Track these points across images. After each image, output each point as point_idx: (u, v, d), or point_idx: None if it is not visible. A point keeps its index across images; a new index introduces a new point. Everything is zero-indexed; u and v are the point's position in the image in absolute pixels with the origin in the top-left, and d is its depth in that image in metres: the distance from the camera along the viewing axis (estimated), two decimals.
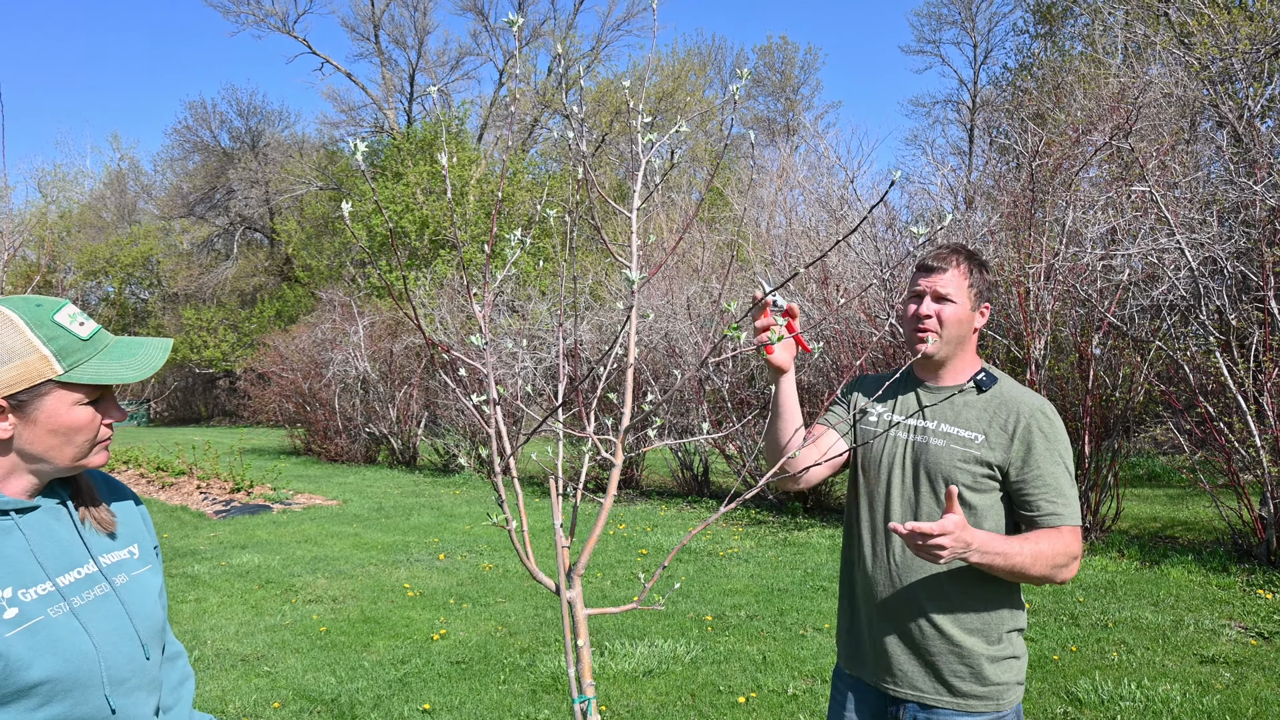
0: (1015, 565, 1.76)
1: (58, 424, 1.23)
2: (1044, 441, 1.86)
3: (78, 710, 1.20)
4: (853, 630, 2.04)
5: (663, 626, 5.42)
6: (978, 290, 1.95)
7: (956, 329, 1.92)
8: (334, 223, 29.96)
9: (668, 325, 10.01)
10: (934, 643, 1.89)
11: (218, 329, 33.41)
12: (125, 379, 1.25)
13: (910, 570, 1.92)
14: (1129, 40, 11.53)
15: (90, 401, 1.26)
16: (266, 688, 4.60)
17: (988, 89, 27.07)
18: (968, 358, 1.98)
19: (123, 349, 1.29)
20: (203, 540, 8.97)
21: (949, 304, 1.92)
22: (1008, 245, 7.43)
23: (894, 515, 1.96)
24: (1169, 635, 5.02)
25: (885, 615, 1.94)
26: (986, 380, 1.95)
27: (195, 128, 36.01)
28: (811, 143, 14.70)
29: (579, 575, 1.70)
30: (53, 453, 1.24)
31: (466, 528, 9.25)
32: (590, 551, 1.72)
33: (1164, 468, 11.16)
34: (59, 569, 1.24)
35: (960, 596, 1.88)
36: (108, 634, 1.26)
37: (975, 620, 1.88)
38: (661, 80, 28.32)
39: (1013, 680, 1.91)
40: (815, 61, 37.49)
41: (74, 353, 1.23)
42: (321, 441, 17.15)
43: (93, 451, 1.28)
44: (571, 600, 1.71)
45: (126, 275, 39.47)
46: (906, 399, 2.02)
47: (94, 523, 1.33)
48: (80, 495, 1.34)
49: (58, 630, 1.20)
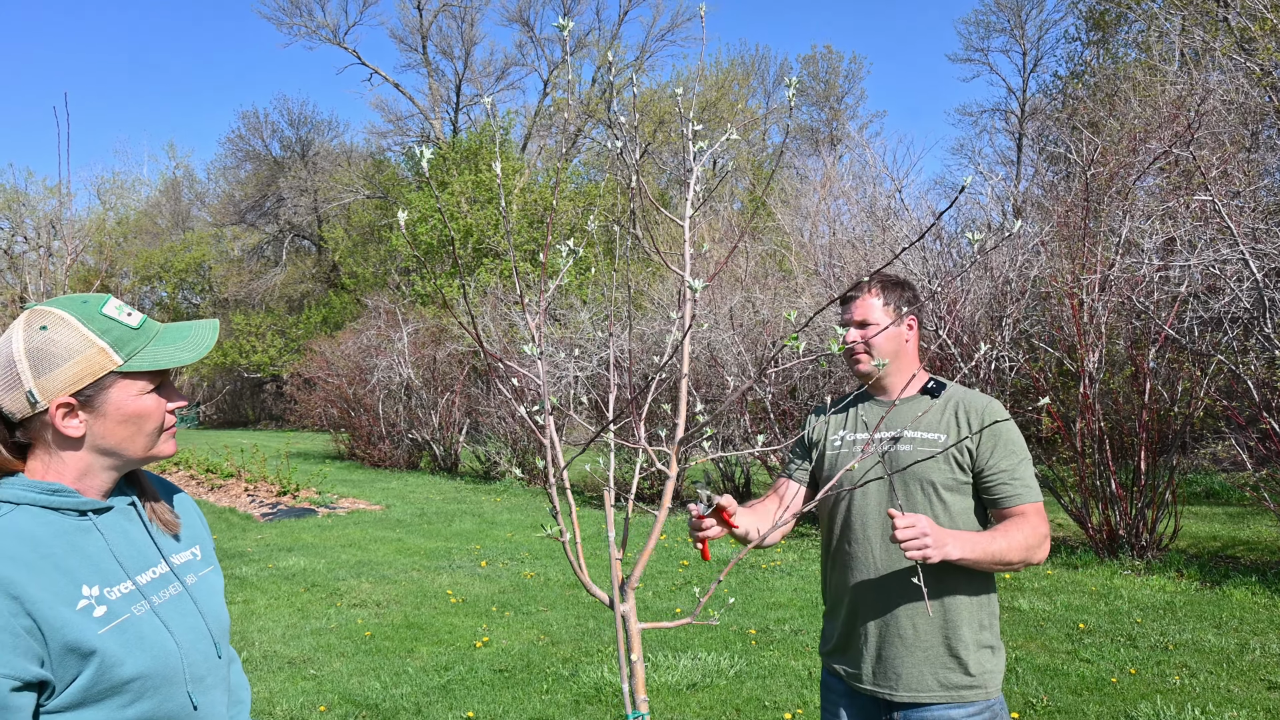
0: (995, 554, 1.86)
1: (126, 413, 1.25)
2: (1000, 436, 1.99)
3: (164, 707, 1.22)
4: (841, 637, 2.12)
5: (706, 639, 5.36)
6: (894, 306, 2.08)
7: (885, 346, 2.07)
8: (380, 231, 30.42)
9: (710, 336, 9.96)
10: (925, 638, 1.97)
11: (266, 334, 34.08)
12: (184, 360, 1.27)
13: (893, 574, 2.00)
14: (1186, 46, 11.23)
15: (153, 389, 1.28)
16: (313, 690, 4.64)
17: (1037, 97, 26.62)
18: (910, 369, 2.13)
19: (174, 333, 1.31)
20: (250, 542, 9.12)
21: (871, 326, 2.06)
22: (1060, 256, 7.26)
23: (870, 524, 2.05)
24: (1233, 659, 4.83)
25: (877, 620, 2.02)
26: (936, 387, 2.09)
27: (248, 136, 36.87)
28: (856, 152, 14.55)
29: (632, 589, 1.68)
30: (126, 444, 1.26)
31: (508, 535, 9.27)
32: (644, 564, 1.69)
33: (1224, 485, 10.80)
34: (136, 568, 1.26)
35: (947, 590, 1.98)
36: (186, 632, 1.28)
37: (960, 613, 1.98)
38: (705, 90, 28.30)
39: (997, 667, 2.01)
40: (860, 70, 37.14)
41: (129, 342, 1.25)
42: (365, 446, 17.37)
43: (161, 440, 1.30)
44: (625, 614, 1.68)
45: (180, 280, 40.50)
46: (864, 417, 2.15)
47: (160, 524, 1.35)
48: (146, 495, 1.35)
49: (144, 628, 1.22)
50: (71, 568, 1.19)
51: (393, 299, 19.87)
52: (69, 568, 1.19)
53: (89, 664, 1.15)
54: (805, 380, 9.77)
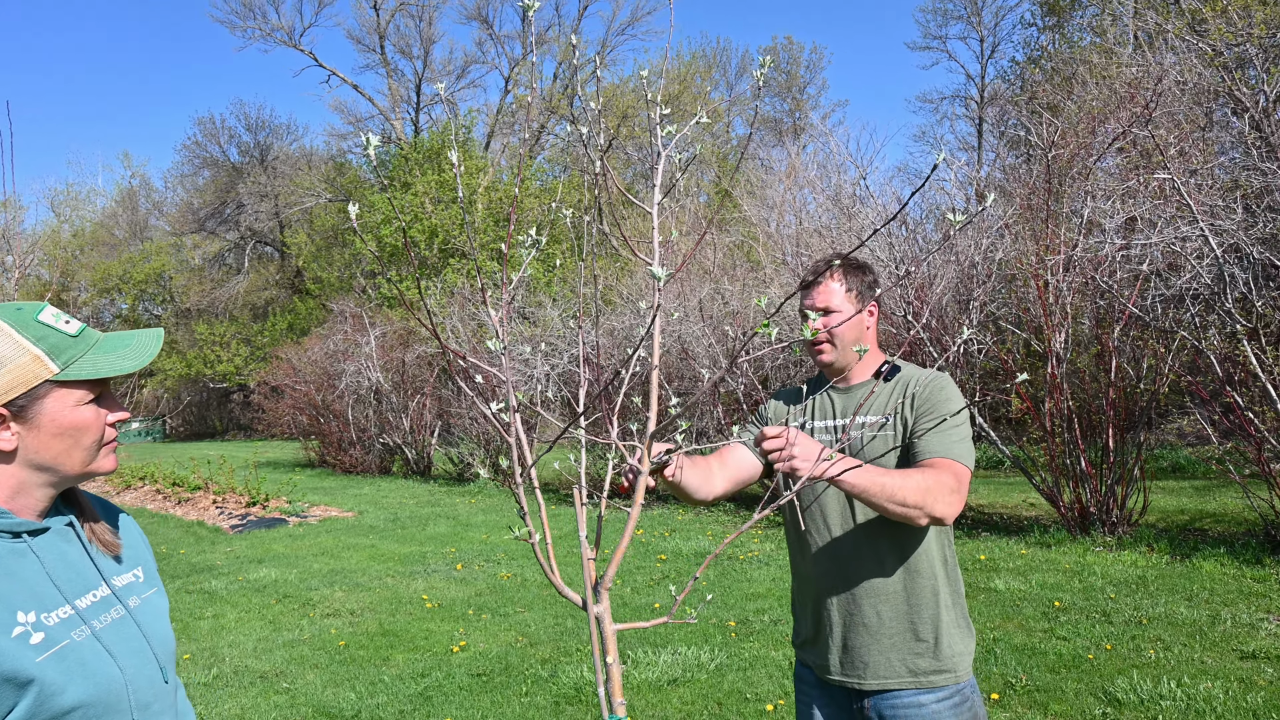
0: (885, 486, 1.73)
1: (62, 426, 1.18)
2: (933, 400, 1.95)
3: None
4: (810, 629, 2.09)
5: (685, 634, 5.33)
6: (857, 293, 2.04)
7: (847, 334, 2.02)
8: (343, 234, 30.03)
9: (680, 328, 9.93)
10: (892, 625, 1.95)
11: (230, 343, 33.53)
12: (125, 369, 1.20)
13: (859, 561, 1.98)
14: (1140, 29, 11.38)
15: (91, 400, 1.21)
16: (286, 705, 4.54)
17: (996, 83, 26.89)
18: (871, 354, 2.08)
19: (115, 341, 1.24)
20: (219, 555, 8.94)
21: (833, 314, 2.01)
22: (1024, 238, 7.31)
23: (830, 513, 2.02)
24: (1206, 631, 4.89)
25: (841, 609, 2.00)
26: (891, 371, 2.06)
27: (204, 143, 36.21)
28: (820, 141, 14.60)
29: (606, 589, 1.63)
30: (61, 459, 1.19)
31: (484, 537, 9.18)
32: (617, 564, 1.64)
33: (1189, 459, 10.99)
34: (75, 592, 1.20)
35: (910, 575, 1.95)
36: (130, 657, 1.22)
37: (926, 595, 1.95)
38: (668, 83, 28.24)
39: (966, 649, 1.98)
40: (821, 61, 37.36)
41: (66, 350, 1.18)
42: (336, 453, 17.14)
43: (100, 454, 1.23)
44: (599, 615, 1.62)
45: (139, 292, 39.70)
46: (823, 404, 2.12)
47: (100, 545, 1.27)
48: (84, 515, 1.28)
49: (85, 654, 1.16)
50: (5, 593, 1.12)
51: (359, 303, 19.61)
52: (2, 593, 1.12)
53: (26, 693, 1.09)
54: (777, 370, 9.77)
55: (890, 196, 9.00)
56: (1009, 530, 7.83)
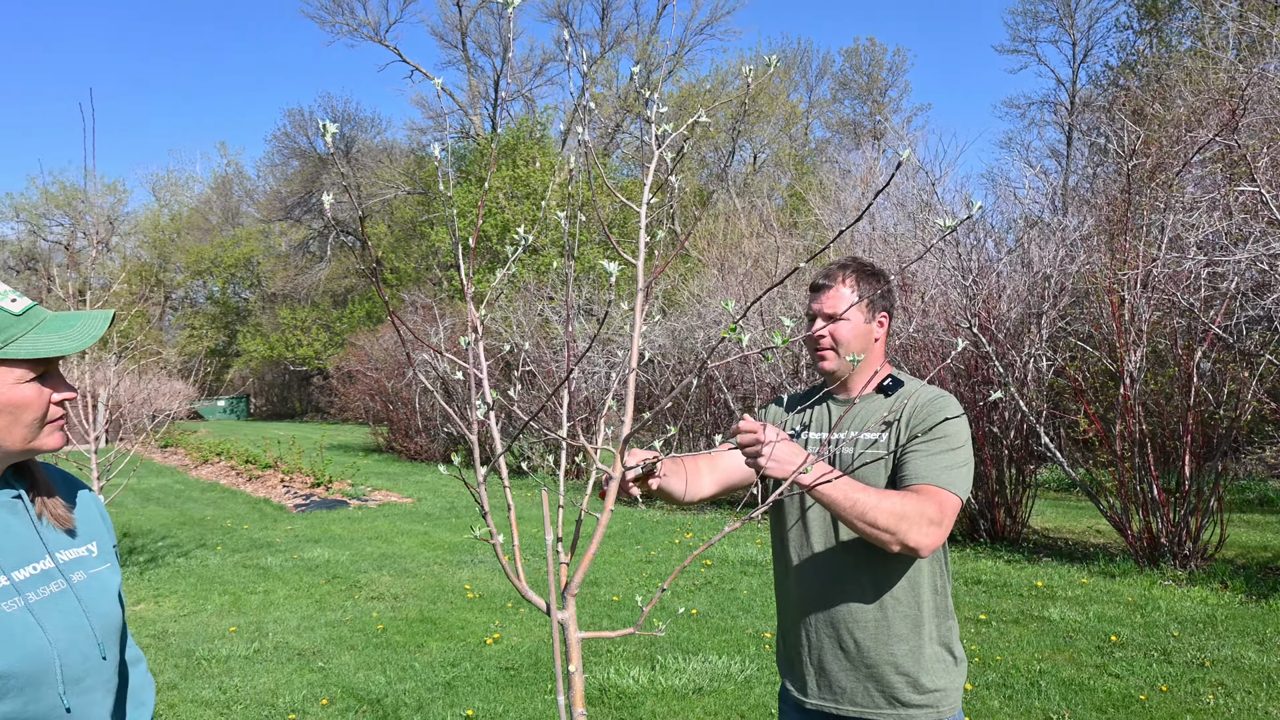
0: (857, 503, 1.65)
1: (1, 403, 1.19)
2: (930, 423, 1.83)
3: (31, 708, 1.17)
4: (790, 649, 2.01)
5: (719, 642, 5.24)
6: (869, 301, 1.94)
7: (854, 344, 1.93)
8: (420, 226, 30.70)
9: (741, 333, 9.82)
10: (869, 653, 1.85)
11: (311, 328, 34.67)
12: (64, 350, 1.21)
13: (839, 583, 1.89)
14: (1242, 33, 10.75)
15: (35, 379, 1.22)
16: (318, 683, 4.63)
17: (1087, 89, 25.84)
18: (874, 366, 1.99)
19: (60, 322, 1.25)
20: (280, 533, 9.22)
21: (841, 322, 1.92)
22: (1099, 250, 6.97)
23: (814, 530, 1.93)
24: (1275, 679, 4.57)
25: (819, 632, 1.92)
26: (892, 384, 1.95)
27: (293, 134, 37.50)
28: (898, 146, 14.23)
29: (572, 595, 1.58)
30: (2, 434, 1.21)
31: (534, 531, 9.24)
32: (585, 569, 1.59)
33: (1277, 492, 10.34)
34: (14, 564, 1.21)
35: (890, 603, 1.86)
36: (64, 631, 1.22)
37: (907, 625, 1.85)
38: (743, 84, 27.98)
39: (951, 685, 1.88)
40: (904, 63, 36.55)
41: (7, 328, 1.20)
42: (402, 440, 17.54)
43: (44, 432, 1.24)
44: (564, 622, 1.58)
45: (229, 275, 41.40)
46: (821, 415, 2.03)
47: (51, 518, 1.29)
48: (37, 489, 1.29)
49: (13, 625, 1.17)
50: None
51: (431, 294, 20.02)
52: None
53: None
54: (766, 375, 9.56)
55: (961, 203, 8.70)
56: (1072, 557, 7.48)
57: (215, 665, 4.94)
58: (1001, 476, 7.85)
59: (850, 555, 1.89)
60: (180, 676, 4.76)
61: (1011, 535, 7.91)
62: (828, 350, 1.94)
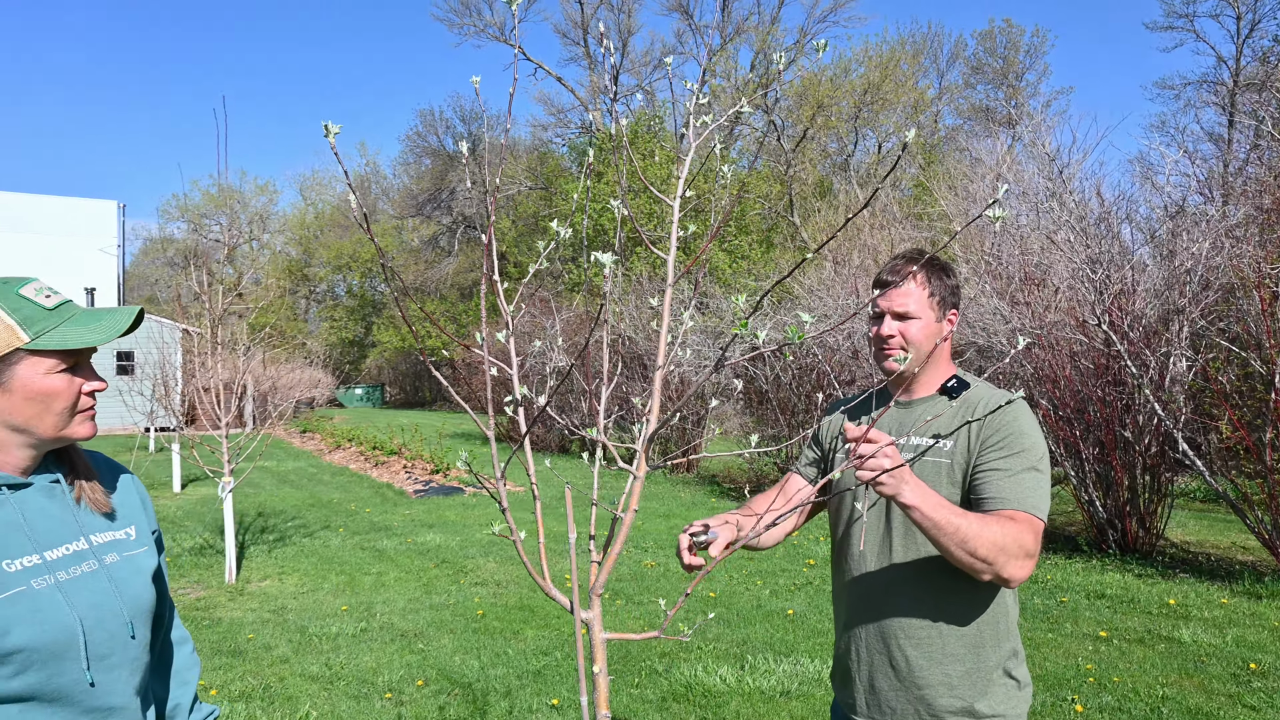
0: (959, 530, 1.54)
1: (33, 391, 1.27)
2: (1003, 430, 1.72)
3: (55, 681, 1.24)
4: (842, 663, 1.92)
5: (813, 645, 5.12)
6: (940, 298, 1.85)
7: (923, 344, 1.83)
8: (543, 220, 31.41)
9: (850, 325, 9.55)
10: (921, 672, 1.75)
11: (440, 320, 36.08)
12: (91, 342, 1.28)
13: (894, 599, 1.79)
14: None
15: (66, 369, 1.29)
16: (415, 664, 4.80)
17: (1252, 66, 23.66)
18: (941, 367, 1.89)
19: (89, 316, 1.32)
20: (398, 517, 9.64)
21: (911, 320, 1.83)
22: (1249, 242, 6.36)
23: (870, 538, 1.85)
24: None
25: (869, 646, 1.83)
26: (958, 386, 1.85)
27: (424, 134, 39.09)
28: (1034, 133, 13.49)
29: (598, 595, 1.56)
30: (34, 422, 1.28)
31: (638, 523, 9.29)
32: (610, 569, 1.57)
33: None
34: (48, 543, 1.29)
35: (945, 619, 1.76)
36: (92, 609, 1.29)
37: (964, 645, 1.75)
38: (868, 71, 27.18)
39: (1013, 712, 1.76)
40: (1043, 45, 34.39)
41: (39, 321, 1.27)
42: (520, 429, 18.03)
43: (74, 421, 1.32)
44: (589, 622, 1.56)
45: (365, 270, 43.62)
46: (883, 419, 1.92)
47: (89, 502, 1.36)
48: (77, 474, 1.37)
49: (40, 601, 1.24)
50: None
51: (548, 287, 20.45)
52: None
53: None
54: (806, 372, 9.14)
55: (1091, 192, 8.13)
56: (1212, 574, 6.89)
57: (325, 642, 5.21)
58: (1134, 484, 7.31)
59: (906, 566, 1.79)
60: (293, 651, 5.04)
61: (1144, 547, 7.36)
62: (896, 350, 1.84)
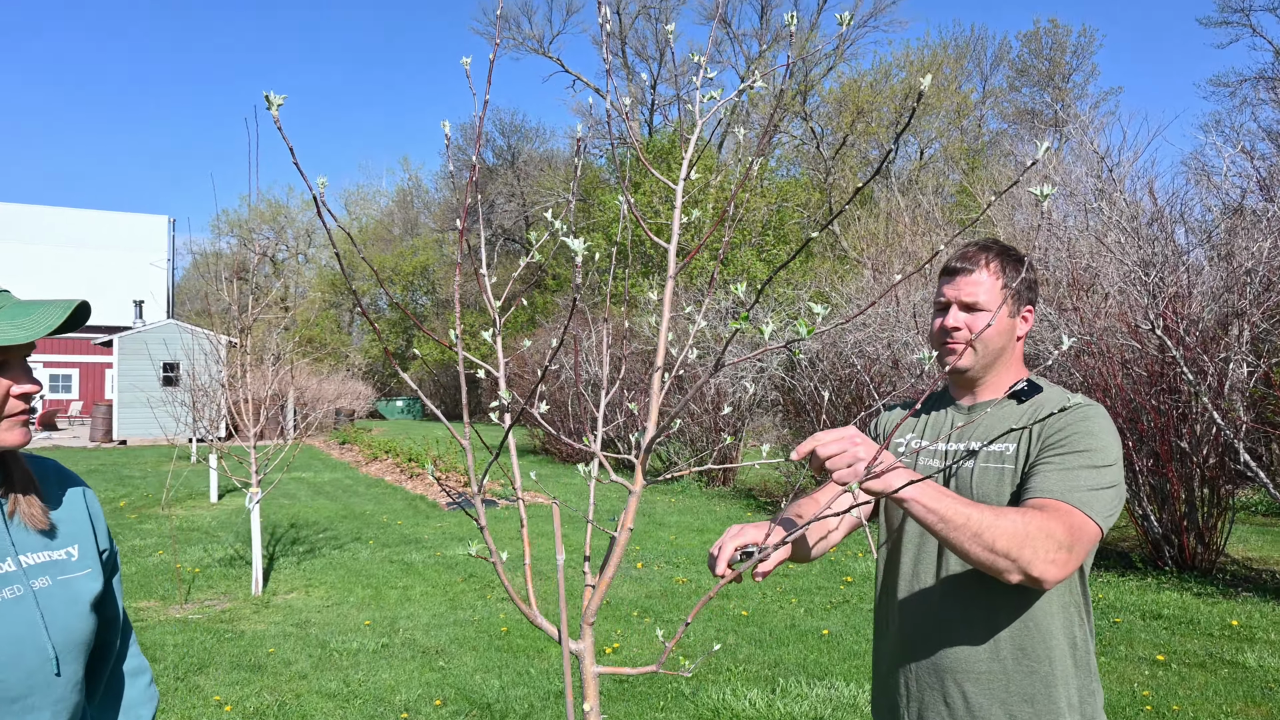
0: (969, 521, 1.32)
1: None
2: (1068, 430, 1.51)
3: None
4: (880, 691, 1.71)
5: (848, 668, 4.88)
6: (1015, 292, 1.65)
7: (993, 340, 1.63)
8: (582, 232, 31.49)
9: (890, 334, 9.26)
10: (981, 712, 1.53)
11: (479, 332, 36.28)
12: (15, 339, 1.14)
13: (950, 627, 1.56)
14: None
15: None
16: (435, 682, 4.66)
17: None
18: (1011, 370, 1.68)
19: (18, 310, 1.18)
20: (429, 530, 9.56)
21: (980, 313, 1.62)
22: None
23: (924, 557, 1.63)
24: None
25: (919, 681, 1.61)
26: (1028, 389, 1.64)
27: (464, 147, 39.42)
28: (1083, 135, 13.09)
29: (589, 623, 1.39)
30: None
31: (671, 537, 9.10)
32: (603, 594, 1.39)
33: None
34: None
35: (1010, 652, 1.52)
36: (9, 642, 1.15)
37: (1035, 683, 1.51)
38: (909, 74, 26.76)
39: None
40: (1090, 45, 33.54)
41: None
42: (556, 441, 17.93)
43: (2, 426, 1.17)
44: (579, 653, 1.39)
45: (407, 283, 44.12)
46: (940, 424, 1.72)
47: (24, 517, 1.22)
48: (12, 486, 1.23)
49: None
50: None
51: (585, 298, 20.38)
52: None
53: None
54: None
55: (1143, 191, 7.78)
56: (1278, 593, 6.49)
57: (345, 658, 5.10)
58: (1191, 497, 6.93)
59: (962, 588, 1.56)
60: (312, 667, 4.94)
61: (1203, 564, 6.97)
62: (961, 345, 1.63)
